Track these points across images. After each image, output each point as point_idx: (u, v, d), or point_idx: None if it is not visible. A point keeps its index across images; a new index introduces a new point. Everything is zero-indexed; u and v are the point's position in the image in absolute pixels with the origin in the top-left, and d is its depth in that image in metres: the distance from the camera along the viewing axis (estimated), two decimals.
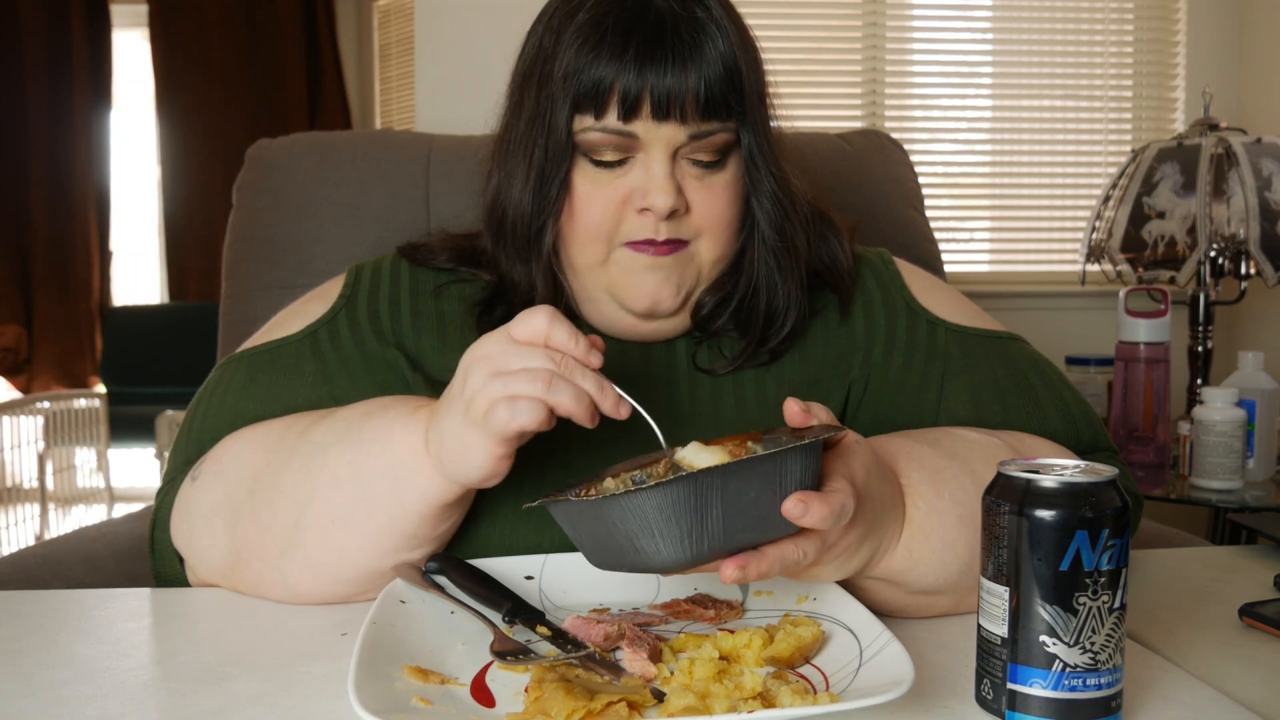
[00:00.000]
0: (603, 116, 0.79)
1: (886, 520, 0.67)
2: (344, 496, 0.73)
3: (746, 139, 0.83)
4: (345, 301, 0.91)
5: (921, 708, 0.58)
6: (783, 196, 0.86)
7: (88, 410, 3.93)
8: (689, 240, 0.83)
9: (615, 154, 0.80)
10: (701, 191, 0.82)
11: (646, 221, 0.81)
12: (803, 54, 2.85)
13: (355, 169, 1.37)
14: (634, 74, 0.77)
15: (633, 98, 0.78)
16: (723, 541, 0.57)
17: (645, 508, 0.56)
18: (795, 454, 0.58)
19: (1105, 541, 0.53)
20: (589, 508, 0.58)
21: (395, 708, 0.53)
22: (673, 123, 0.79)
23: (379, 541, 0.73)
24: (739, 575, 0.57)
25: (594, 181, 0.82)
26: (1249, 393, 1.64)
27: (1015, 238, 2.96)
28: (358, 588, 0.75)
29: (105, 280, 5.00)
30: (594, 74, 0.78)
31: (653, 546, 0.57)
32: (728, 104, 0.80)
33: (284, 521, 0.75)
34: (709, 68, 0.79)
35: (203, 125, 4.90)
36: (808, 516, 0.57)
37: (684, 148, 0.81)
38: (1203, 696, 0.61)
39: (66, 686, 0.62)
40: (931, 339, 0.90)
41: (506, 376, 0.64)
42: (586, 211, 0.82)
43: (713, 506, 0.56)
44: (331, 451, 0.74)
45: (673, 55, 0.78)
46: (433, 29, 2.42)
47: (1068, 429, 0.88)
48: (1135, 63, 2.88)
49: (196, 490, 0.81)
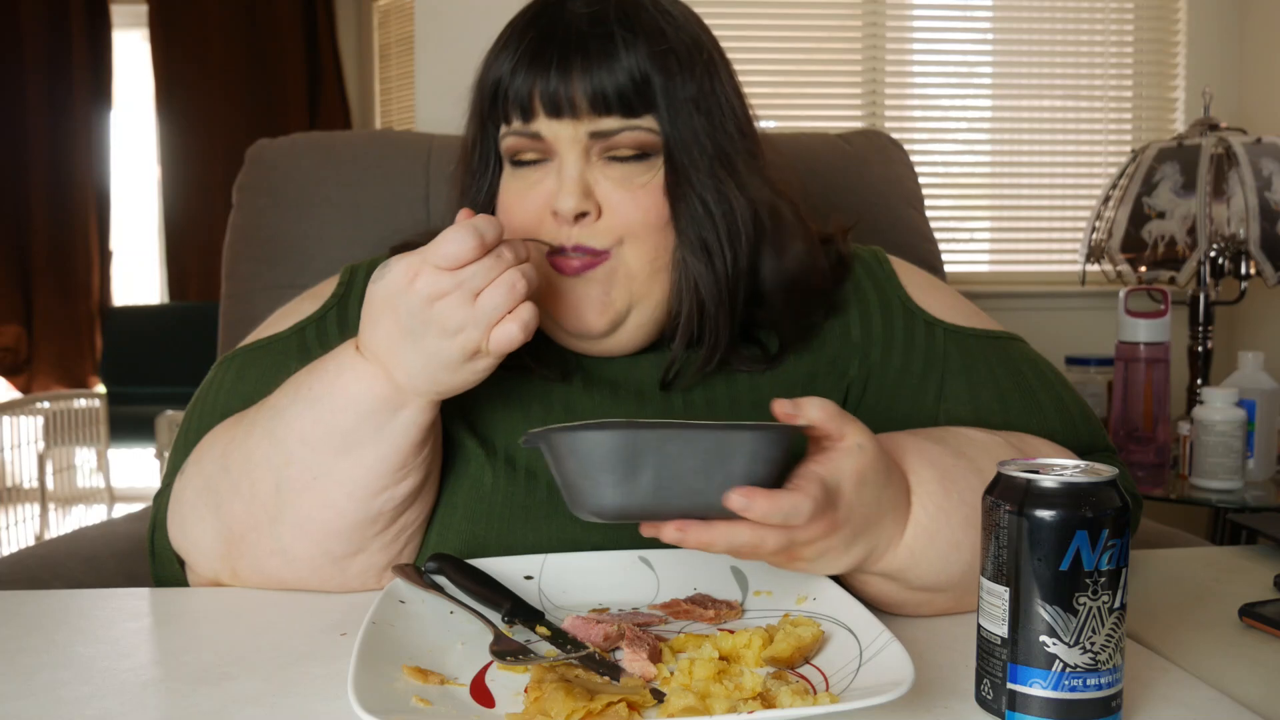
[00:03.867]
0: (510, 120, 0.82)
1: (884, 521, 0.67)
2: (318, 454, 0.73)
3: (670, 141, 0.81)
4: (337, 301, 0.92)
5: (921, 708, 0.58)
6: (712, 206, 0.81)
7: (88, 410, 3.93)
8: (607, 249, 0.80)
9: (533, 155, 0.82)
10: (616, 193, 0.80)
11: (561, 228, 0.80)
12: (802, 54, 2.84)
13: (355, 169, 1.37)
14: (524, 74, 0.80)
15: (524, 96, 0.80)
16: (653, 501, 0.59)
17: (579, 447, 0.59)
18: (743, 436, 0.59)
19: (1105, 541, 0.53)
20: (543, 439, 0.62)
21: (395, 708, 0.53)
22: (568, 119, 0.79)
23: (366, 483, 0.73)
24: (678, 537, 0.59)
25: (516, 191, 0.83)
26: (1249, 393, 1.64)
27: (1015, 238, 2.96)
28: (351, 543, 0.76)
29: (105, 280, 5.00)
30: (492, 78, 0.82)
31: (587, 486, 0.60)
32: (625, 100, 0.79)
33: (264, 489, 0.75)
34: (597, 62, 0.79)
35: (203, 125, 4.90)
36: (751, 510, 0.58)
37: (594, 146, 0.80)
38: (1203, 696, 0.61)
39: (66, 686, 0.62)
40: (930, 340, 0.90)
41: (483, 297, 0.67)
42: (508, 217, 0.82)
43: (646, 464, 0.58)
44: (290, 414, 0.75)
45: (558, 54, 0.79)
46: (433, 29, 2.42)
47: (1067, 429, 0.88)
48: (1135, 63, 2.88)
49: (181, 483, 0.82)
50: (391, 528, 0.77)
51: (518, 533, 0.80)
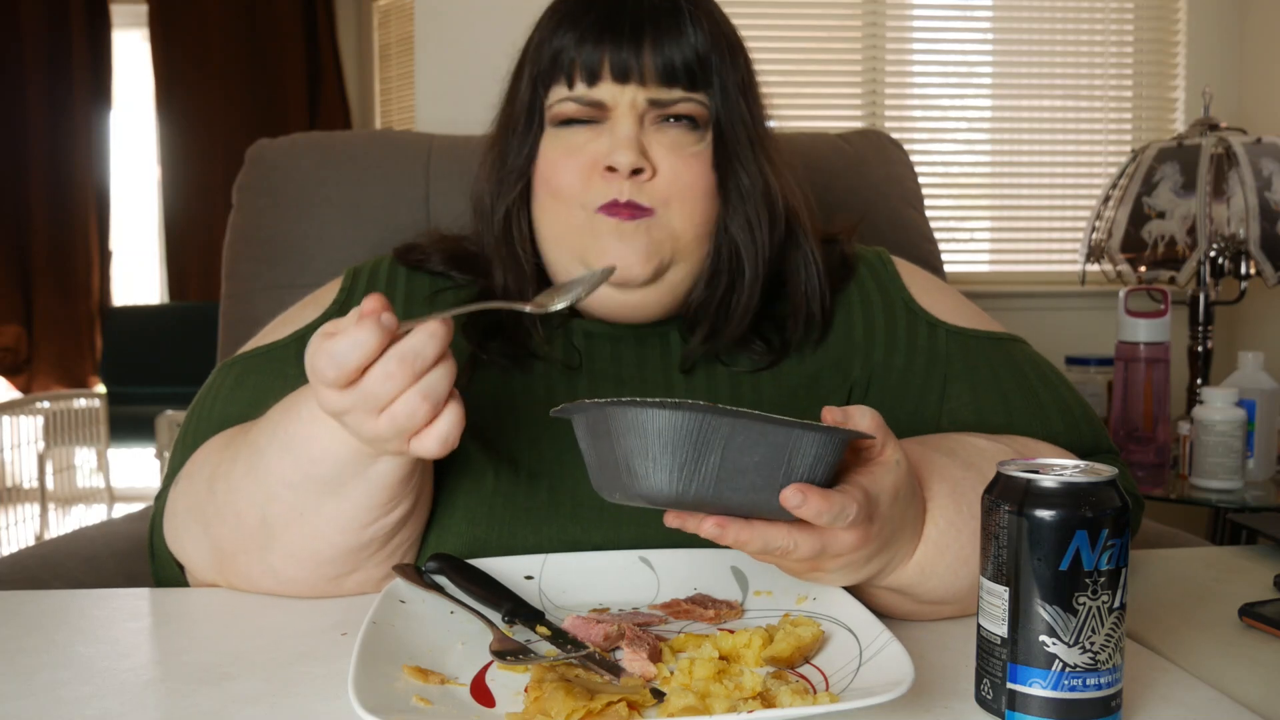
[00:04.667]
0: (572, 85, 0.84)
1: (902, 539, 0.66)
2: (302, 496, 0.71)
3: (720, 118, 0.85)
4: (338, 307, 0.91)
5: (921, 708, 0.58)
6: (751, 188, 0.86)
7: (88, 410, 3.93)
8: (655, 208, 0.83)
9: (586, 119, 0.84)
10: (669, 157, 0.84)
11: (613, 183, 0.82)
12: (803, 54, 2.85)
13: (355, 169, 1.37)
14: (592, 41, 0.83)
15: (594, 61, 0.82)
16: (711, 493, 0.57)
17: (648, 426, 0.56)
18: (812, 436, 0.57)
19: (1105, 541, 0.53)
20: (600, 411, 0.58)
21: (395, 708, 0.53)
22: (633, 85, 0.82)
23: (354, 517, 0.72)
24: (716, 533, 0.58)
25: (565, 148, 0.85)
26: (1249, 393, 1.64)
27: (1015, 238, 2.96)
28: (345, 566, 0.75)
29: (105, 280, 5.00)
30: (557, 45, 0.84)
31: (644, 469, 0.56)
32: (691, 73, 0.83)
33: (250, 521, 0.74)
34: (668, 36, 0.83)
35: (203, 125, 4.90)
36: (804, 507, 0.56)
37: (650, 112, 0.83)
38: (1203, 696, 0.61)
39: (66, 686, 0.62)
40: (932, 341, 0.90)
41: (393, 409, 0.60)
42: (556, 175, 0.84)
43: (712, 451, 0.56)
44: (269, 454, 0.72)
45: (629, 24, 0.82)
46: (433, 29, 2.42)
47: (1070, 430, 0.88)
48: (1135, 63, 2.88)
49: (175, 494, 0.82)
50: (385, 549, 0.76)
51: (518, 534, 0.80)
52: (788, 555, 0.60)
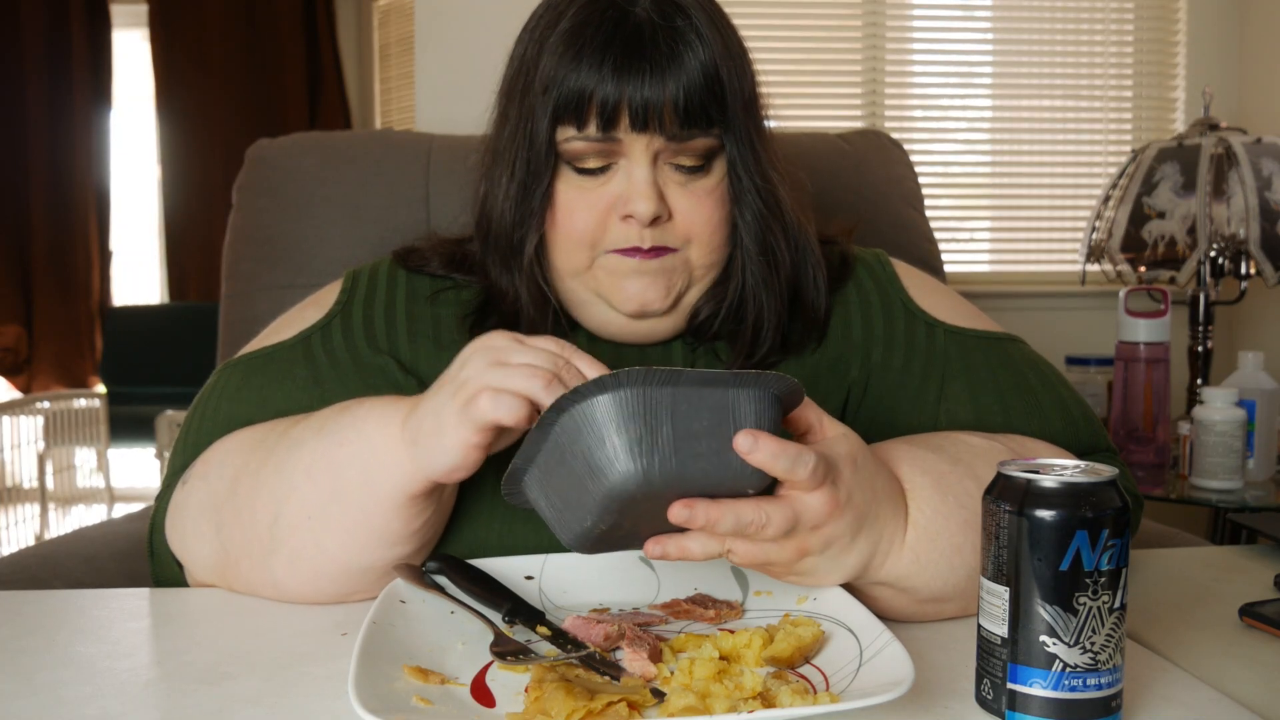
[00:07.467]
0: (584, 127, 0.80)
1: (884, 515, 0.67)
2: (317, 490, 0.72)
3: (730, 146, 0.83)
4: (341, 308, 0.91)
5: (921, 708, 0.58)
6: (766, 207, 0.85)
7: (88, 410, 3.93)
8: (677, 248, 0.83)
9: (598, 161, 0.81)
10: (685, 198, 0.82)
11: (631, 229, 0.81)
12: (802, 54, 2.85)
13: (355, 169, 1.37)
14: (612, 85, 0.78)
15: (611, 107, 0.78)
16: (674, 464, 0.58)
17: (594, 413, 0.58)
18: (748, 392, 0.60)
19: (1105, 541, 0.53)
20: (540, 436, 0.60)
21: (395, 708, 0.53)
22: (651, 132, 0.80)
23: (354, 536, 0.72)
24: (685, 515, 0.59)
25: (578, 190, 0.82)
26: (1249, 393, 1.64)
27: (1015, 238, 2.96)
28: (343, 585, 0.75)
29: (105, 280, 5.01)
30: (573, 85, 0.79)
31: (605, 460, 0.58)
32: (707, 113, 0.80)
33: (264, 519, 0.74)
34: (687, 77, 0.79)
35: (203, 125, 4.90)
36: (757, 451, 0.58)
37: (665, 153, 0.81)
38: (1203, 696, 0.61)
39: (66, 686, 0.62)
40: (930, 341, 0.90)
41: (506, 369, 0.64)
42: (570, 220, 0.82)
43: (662, 421, 0.58)
44: (306, 446, 0.74)
45: (650, 65, 0.78)
46: (433, 29, 2.42)
47: (1068, 430, 0.88)
48: (1135, 63, 2.88)
49: (185, 494, 0.82)
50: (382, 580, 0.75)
51: (518, 534, 0.80)
52: (763, 531, 0.61)
